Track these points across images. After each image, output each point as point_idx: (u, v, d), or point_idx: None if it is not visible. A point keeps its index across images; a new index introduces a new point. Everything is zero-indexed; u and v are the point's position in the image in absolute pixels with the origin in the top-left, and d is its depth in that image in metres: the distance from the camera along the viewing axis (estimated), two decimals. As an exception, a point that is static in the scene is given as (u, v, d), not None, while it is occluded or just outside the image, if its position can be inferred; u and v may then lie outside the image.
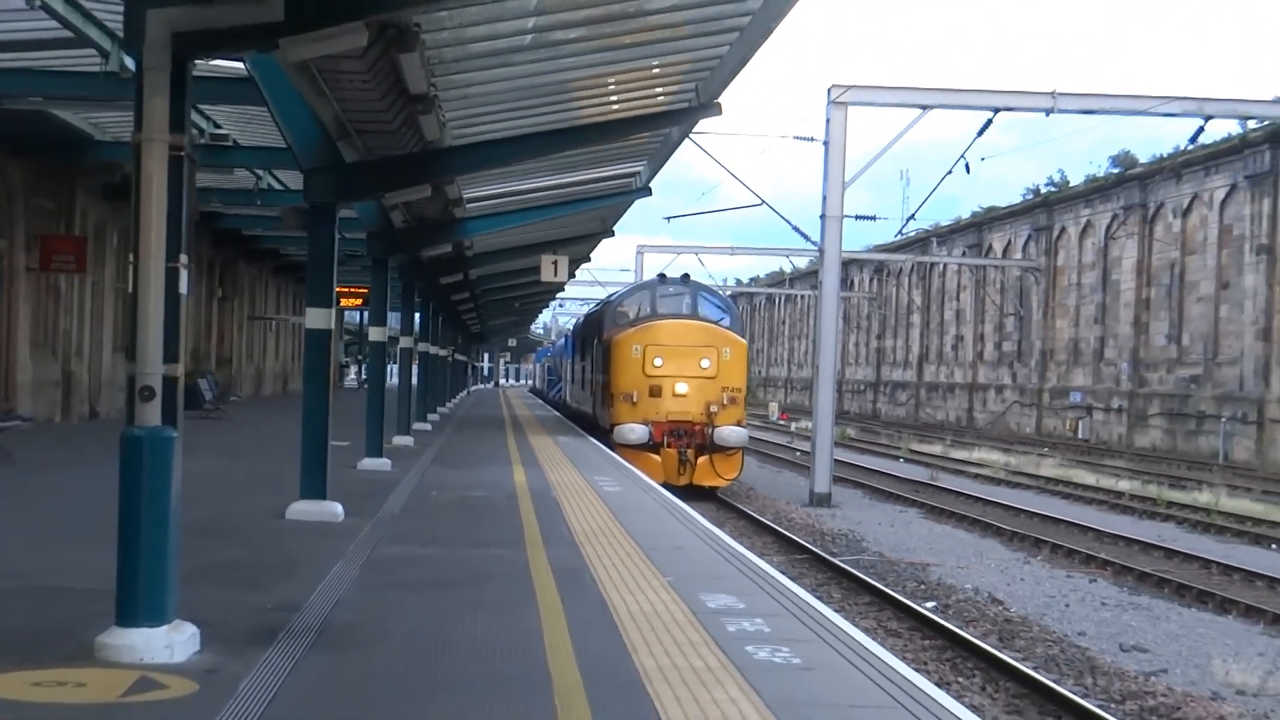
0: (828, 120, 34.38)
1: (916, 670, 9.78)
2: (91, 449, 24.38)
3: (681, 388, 28.85)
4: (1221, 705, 14.30)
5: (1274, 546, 27.91)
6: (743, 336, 31.60)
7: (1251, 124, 48.61)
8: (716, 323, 30.86)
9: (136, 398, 8.78)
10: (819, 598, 13.16)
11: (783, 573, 14.51)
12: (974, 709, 10.40)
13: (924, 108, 34.86)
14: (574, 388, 49.98)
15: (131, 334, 8.84)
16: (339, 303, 21.43)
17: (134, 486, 8.71)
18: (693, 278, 35.43)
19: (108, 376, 35.23)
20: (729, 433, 28.33)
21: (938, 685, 9.32)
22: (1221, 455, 52.12)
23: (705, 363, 29.30)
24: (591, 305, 50.82)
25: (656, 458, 28.02)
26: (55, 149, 28.89)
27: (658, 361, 29.03)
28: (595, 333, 36.93)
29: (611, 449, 27.51)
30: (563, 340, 75.00)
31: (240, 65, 15.71)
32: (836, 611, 11.89)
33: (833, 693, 8.59)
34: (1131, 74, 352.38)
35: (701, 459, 28.41)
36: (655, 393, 28.98)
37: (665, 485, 22.73)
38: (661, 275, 34.73)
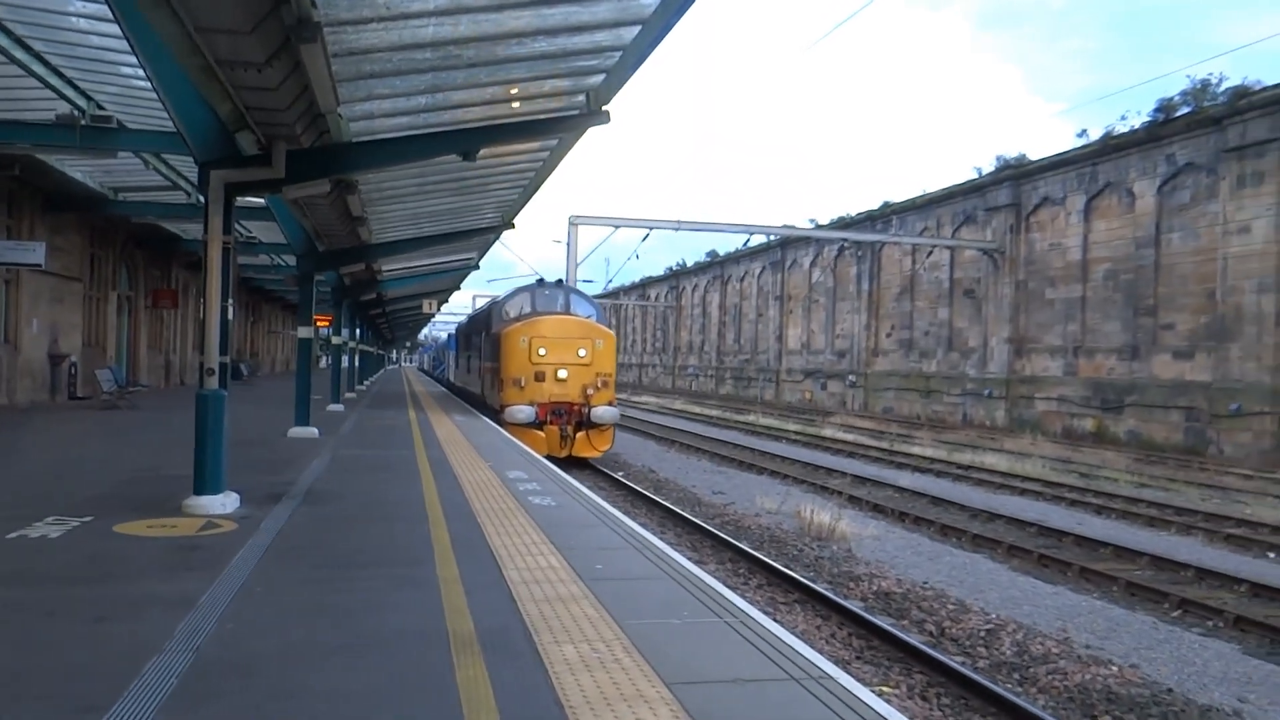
0: (568, 233, 34.37)
1: (613, 506, 9.85)
2: (180, 402, 23.12)
3: (562, 374, 20.71)
4: (758, 518, 14.76)
5: (784, 441, 28.92)
6: (610, 330, 23.03)
7: (773, 237, 50.16)
8: (587, 319, 22.70)
9: (204, 374, 8.51)
10: (563, 470, 13.14)
11: (547, 459, 14.42)
12: (643, 525, 10.55)
13: (615, 226, 35.05)
14: (459, 372, 36.72)
15: (202, 340, 8.50)
16: (316, 323, 20.83)
17: (203, 420, 8.43)
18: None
19: (190, 362, 33.55)
20: (603, 412, 20.57)
21: (623, 514, 9.39)
22: (759, 399, 53.75)
23: (582, 352, 20.94)
24: (475, 309, 36.67)
25: (541, 434, 20.29)
26: (162, 243, 27.37)
27: (542, 351, 20.74)
28: (483, 328, 26.22)
29: (502, 426, 19.84)
30: (445, 337, 61.37)
31: (262, 200, 15.13)
32: (572, 479, 11.91)
33: (570, 517, 8.64)
34: (722, 203, 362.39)
35: (580, 434, 20.69)
36: (540, 378, 20.66)
37: (548, 457, 16.65)
38: (540, 279, 25.07)
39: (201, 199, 8.58)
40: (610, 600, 5.71)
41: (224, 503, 8.35)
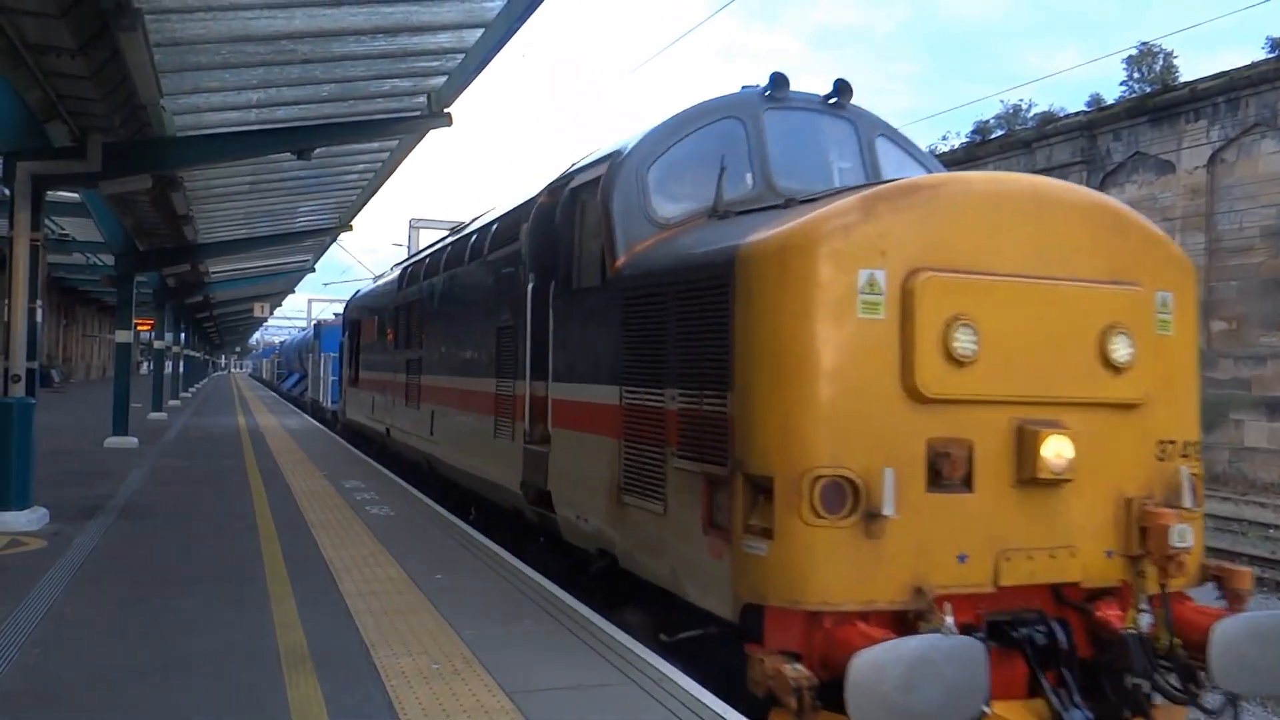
0: (409, 237, 33.71)
1: (451, 515, 9.71)
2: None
3: (1061, 448, 2.66)
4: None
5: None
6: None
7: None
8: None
9: (9, 381, 8.07)
10: (402, 480, 12.86)
11: (383, 469, 14.06)
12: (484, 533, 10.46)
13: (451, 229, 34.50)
14: (373, 398, 14.17)
15: (6, 344, 8.06)
16: (136, 327, 19.65)
17: (7, 431, 7.92)
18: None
19: (-7, 368, 31.24)
20: (1236, 632, 2.91)
21: (464, 523, 9.26)
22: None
23: (1120, 347, 2.89)
24: (481, 215, 9.83)
25: None
26: (-42, 238, 25.31)
27: (963, 341, 2.56)
28: (557, 253, 5.88)
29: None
30: (310, 328, 38.41)
31: (76, 195, 14.21)
32: (409, 486, 11.65)
33: (409, 526, 8.51)
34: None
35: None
36: (953, 480, 2.66)
37: None
38: (778, 76, 5.19)
39: (6, 192, 8.01)
40: (450, 610, 5.62)
41: (30, 519, 7.83)
